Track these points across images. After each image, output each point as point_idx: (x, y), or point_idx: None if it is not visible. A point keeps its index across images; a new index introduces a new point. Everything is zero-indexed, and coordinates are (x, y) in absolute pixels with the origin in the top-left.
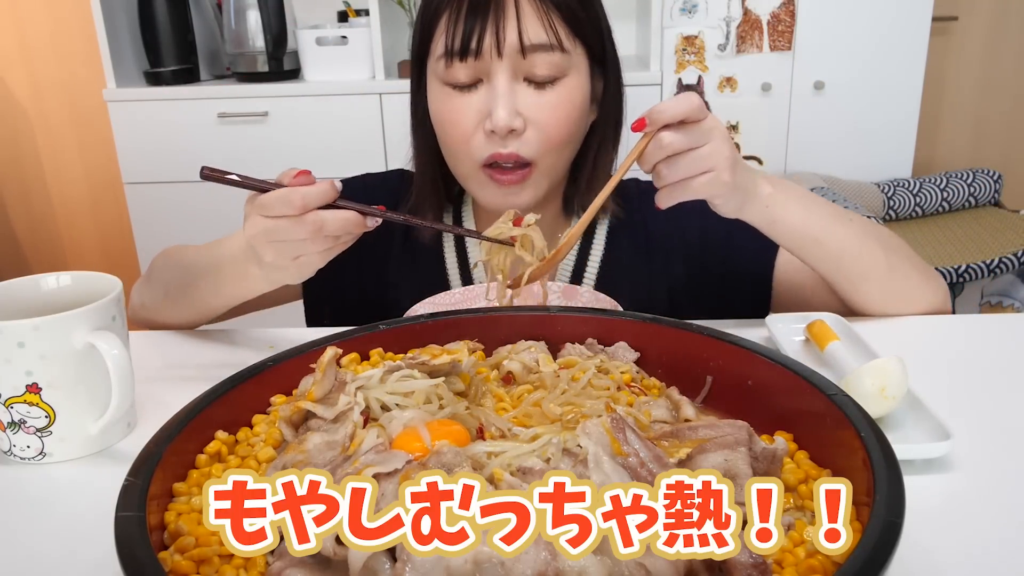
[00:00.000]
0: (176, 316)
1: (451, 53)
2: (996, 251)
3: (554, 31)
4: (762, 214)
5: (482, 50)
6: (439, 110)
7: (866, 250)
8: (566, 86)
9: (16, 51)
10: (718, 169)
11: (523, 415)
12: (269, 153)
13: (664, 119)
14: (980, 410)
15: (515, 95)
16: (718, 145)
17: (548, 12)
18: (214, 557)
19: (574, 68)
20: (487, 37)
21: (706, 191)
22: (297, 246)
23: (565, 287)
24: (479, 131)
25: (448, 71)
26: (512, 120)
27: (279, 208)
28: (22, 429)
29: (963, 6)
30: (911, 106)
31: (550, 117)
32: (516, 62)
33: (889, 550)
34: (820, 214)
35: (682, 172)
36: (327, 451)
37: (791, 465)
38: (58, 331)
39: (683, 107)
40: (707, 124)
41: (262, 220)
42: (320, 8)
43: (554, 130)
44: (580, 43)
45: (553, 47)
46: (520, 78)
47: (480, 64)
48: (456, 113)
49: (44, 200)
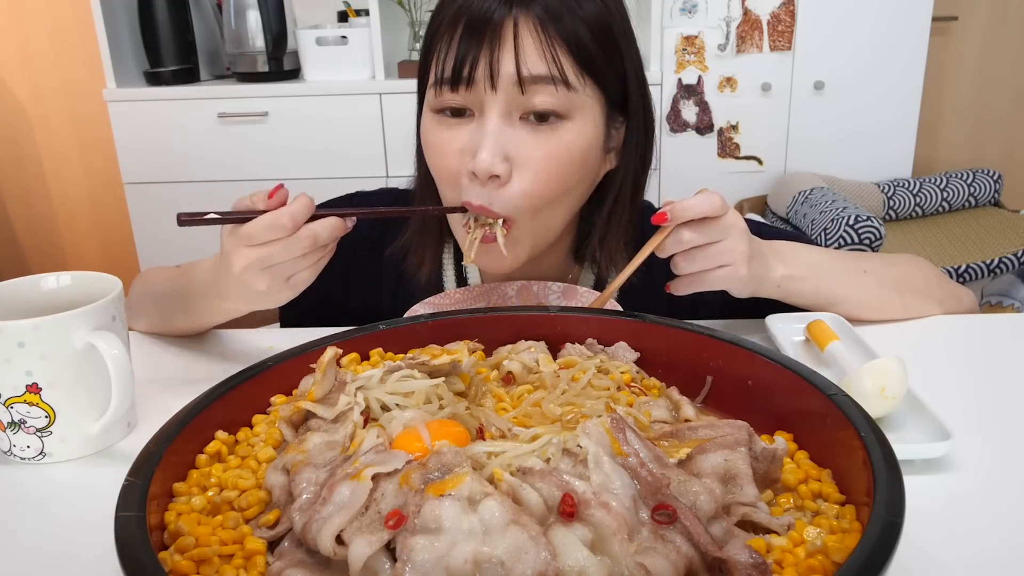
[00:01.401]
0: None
1: (441, 81)
2: (996, 251)
3: (558, 64)
4: (775, 293)
5: (474, 79)
6: (425, 138)
7: (880, 300)
8: (566, 131)
9: (16, 51)
10: (735, 264)
11: (523, 415)
12: (269, 153)
13: (686, 217)
14: (980, 410)
15: (504, 136)
16: (735, 242)
17: (552, 43)
18: (214, 557)
19: (580, 110)
20: (480, 66)
21: (722, 284)
22: (291, 266)
23: (565, 287)
24: (460, 169)
25: (438, 99)
26: (495, 165)
27: (269, 234)
28: (22, 429)
29: (963, 6)
30: (911, 106)
31: (542, 165)
32: (512, 96)
33: (889, 550)
34: (833, 281)
35: (699, 265)
36: (327, 451)
37: (791, 465)
38: (58, 331)
39: (705, 207)
40: (727, 220)
41: (250, 251)
42: (320, 8)
43: (543, 181)
44: (593, 83)
45: (555, 80)
46: (515, 116)
47: (472, 96)
48: (440, 144)
49: (44, 200)
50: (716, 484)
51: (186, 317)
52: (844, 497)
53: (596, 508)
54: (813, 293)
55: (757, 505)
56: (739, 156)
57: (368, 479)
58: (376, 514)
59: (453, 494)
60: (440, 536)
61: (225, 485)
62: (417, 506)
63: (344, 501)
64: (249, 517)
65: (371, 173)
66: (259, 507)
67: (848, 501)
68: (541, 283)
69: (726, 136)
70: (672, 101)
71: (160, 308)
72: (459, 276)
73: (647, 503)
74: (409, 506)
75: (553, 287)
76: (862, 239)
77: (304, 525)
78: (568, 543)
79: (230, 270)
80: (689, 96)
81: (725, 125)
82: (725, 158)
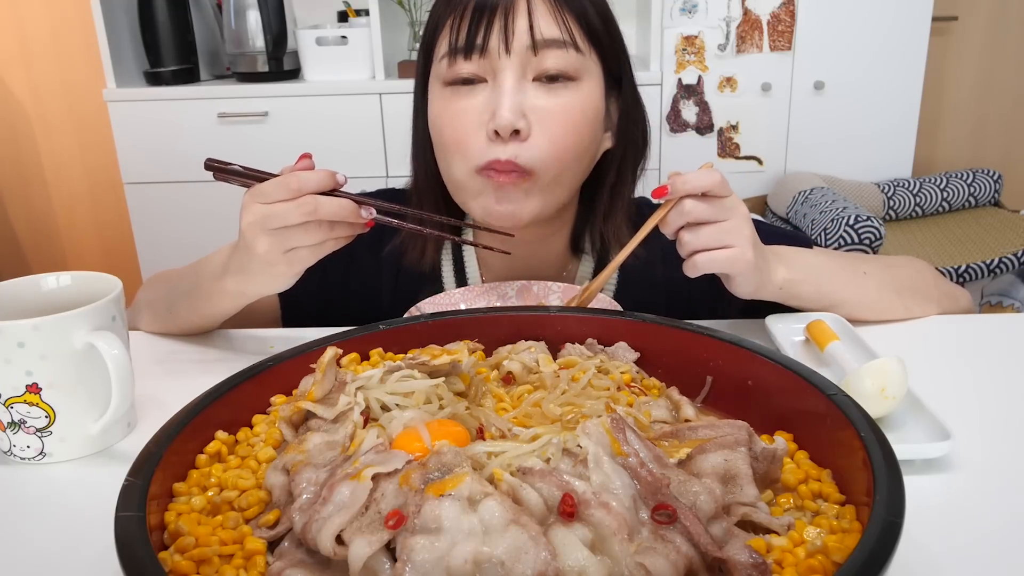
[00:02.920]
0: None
1: (455, 50)
2: (996, 251)
3: (568, 29)
4: (777, 295)
5: (488, 47)
6: (438, 114)
7: (880, 301)
8: (579, 89)
9: (16, 51)
10: (741, 246)
11: (523, 415)
12: (269, 153)
13: (687, 189)
14: (980, 410)
15: (522, 94)
16: (740, 223)
17: (562, 10)
18: (214, 557)
19: (587, 74)
20: (494, 33)
21: (730, 266)
22: (291, 234)
23: (565, 287)
24: (479, 133)
25: (451, 69)
26: (517, 120)
27: (276, 193)
28: (22, 429)
29: (963, 6)
30: (911, 106)
31: (558, 121)
32: (526, 59)
33: (889, 550)
34: (834, 284)
35: (704, 242)
36: (327, 451)
37: (791, 465)
38: (58, 331)
39: (706, 180)
40: (729, 202)
41: (259, 207)
42: (320, 8)
43: (560, 137)
44: (595, 52)
45: (567, 44)
46: (529, 77)
47: (486, 62)
48: (456, 114)
49: (44, 200)
50: (716, 484)
51: (192, 304)
52: (844, 497)
53: (596, 508)
54: (815, 295)
55: (757, 505)
56: (739, 156)
57: (368, 479)
58: (376, 514)
59: (453, 494)
60: (440, 536)
61: (225, 485)
62: (417, 506)
63: (344, 501)
64: (249, 517)
65: (371, 173)
66: (259, 507)
67: (848, 501)
68: (541, 283)
69: (726, 136)
70: (672, 101)
71: (168, 298)
72: (459, 275)
73: (647, 503)
74: (409, 506)
75: (553, 287)
76: (862, 239)
77: (304, 525)
78: (568, 543)
79: (240, 227)
80: (689, 96)
81: (725, 125)
82: (725, 158)
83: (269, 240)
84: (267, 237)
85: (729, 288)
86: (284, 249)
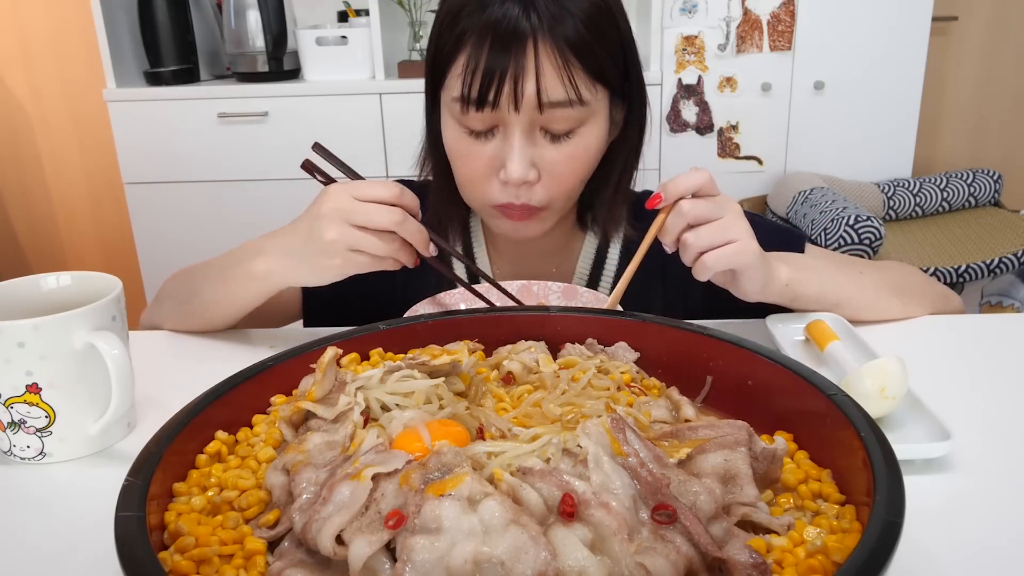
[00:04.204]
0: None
1: (467, 102)
2: (996, 251)
3: (574, 87)
4: (782, 295)
5: (499, 103)
6: (453, 148)
7: (879, 302)
8: (583, 136)
9: (16, 51)
10: (743, 239)
11: (523, 415)
12: (269, 153)
13: (679, 192)
14: (980, 410)
15: (530, 148)
16: (736, 218)
17: (569, 66)
18: (214, 557)
19: (593, 116)
20: (505, 90)
21: (739, 259)
22: (366, 236)
23: (565, 287)
24: (492, 178)
25: (463, 117)
26: (527, 173)
27: (375, 192)
28: (22, 429)
29: (963, 6)
30: (911, 106)
31: (567, 166)
32: (533, 116)
33: (889, 550)
34: (835, 283)
35: (708, 240)
36: (327, 451)
37: (791, 465)
38: (58, 331)
39: (696, 180)
40: (721, 199)
41: (349, 199)
42: (320, 8)
43: (569, 178)
44: (602, 88)
45: (572, 103)
46: (536, 129)
47: (496, 114)
48: (470, 157)
49: (44, 200)
50: (716, 484)
51: (212, 289)
52: (844, 497)
53: (596, 508)
54: (817, 294)
55: (757, 505)
56: (739, 156)
57: (368, 479)
58: (376, 514)
59: (453, 494)
60: (440, 536)
61: (225, 485)
62: (417, 506)
63: (344, 501)
64: (249, 517)
65: (371, 173)
66: (259, 507)
67: (848, 501)
68: (541, 283)
69: (726, 136)
70: (672, 101)
71: (190, 286)
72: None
73: (647, 503)
74: (409, 506)
75: (553, 287)
76: (862, 239)
77: (304, 525)
78: (568, 543)
79: (317, 209)
80: (689, 96)
81: (725, 125)
82: (725, 158)
83: (341, 232)
84: (342, 228)
85: (736, 292)
86: (350, 247)
